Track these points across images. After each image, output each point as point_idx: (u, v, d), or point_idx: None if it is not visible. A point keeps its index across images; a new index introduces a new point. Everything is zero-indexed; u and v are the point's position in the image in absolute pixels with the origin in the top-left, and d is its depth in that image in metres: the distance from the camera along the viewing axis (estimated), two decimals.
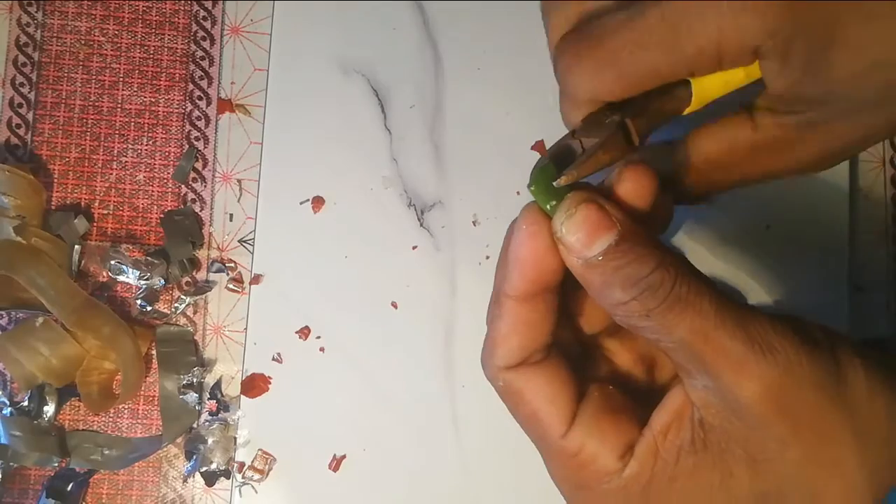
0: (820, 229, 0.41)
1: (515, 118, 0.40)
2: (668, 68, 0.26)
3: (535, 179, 0.26)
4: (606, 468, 0.26)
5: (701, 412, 0.25)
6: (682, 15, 0.25)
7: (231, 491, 0.38)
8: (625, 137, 0.27)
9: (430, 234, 0.40)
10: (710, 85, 0.28)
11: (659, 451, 0.25)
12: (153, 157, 0.40)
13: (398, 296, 0.39)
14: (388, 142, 0.40)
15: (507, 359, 0.27)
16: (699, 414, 0.25)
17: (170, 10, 0.40)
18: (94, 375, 0.38)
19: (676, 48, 0.26)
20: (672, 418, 0.26)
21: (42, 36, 0.40)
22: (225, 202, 0.40)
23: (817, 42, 0.25)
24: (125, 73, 0.40)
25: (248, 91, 0.40)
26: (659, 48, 0.26)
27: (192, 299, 0.39)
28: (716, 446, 0.25)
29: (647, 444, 0.26)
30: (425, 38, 0.41)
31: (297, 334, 0.39)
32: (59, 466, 0.38)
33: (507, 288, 0.26)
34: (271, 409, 0.38)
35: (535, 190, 0.26)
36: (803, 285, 0.40)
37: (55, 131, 0.40)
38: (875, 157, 0.42)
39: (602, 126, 0.27)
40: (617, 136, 0.27)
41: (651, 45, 0.26)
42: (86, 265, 0.39)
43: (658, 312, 0.24)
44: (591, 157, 0.26)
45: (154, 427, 0.38)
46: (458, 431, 0.39)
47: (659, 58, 0.26)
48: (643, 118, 0.27)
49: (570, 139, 0.27)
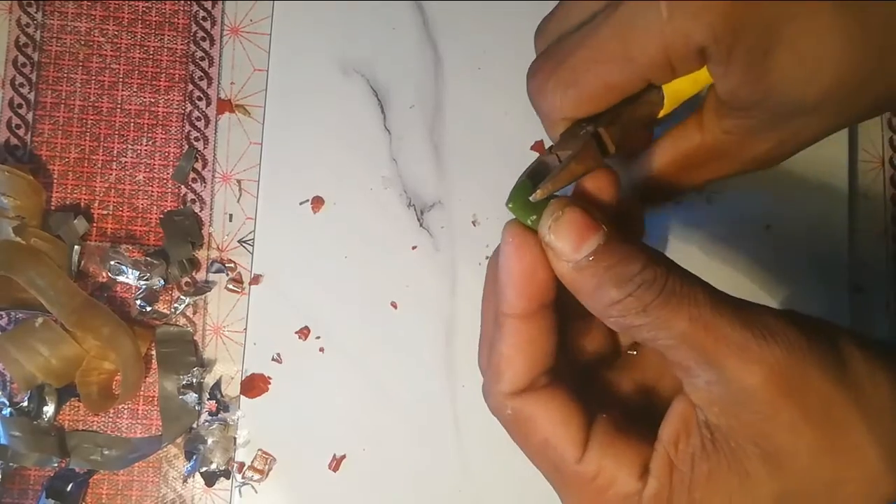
0: (820, 229, 0.41)
1: (515, 118, 0.40)
2: (625, 81, 0.27)
3: (512, 197, 0.26)
4: (627, 490, 0.25)
5: (705, 413, 0.25)
6: (629, 27, 0.26)
7: (231, 491, 0.38)
8: (599, 147, 0.27)
9: (429, 234, 0.40)
10: (679, 87, 0.28)
11: (673, 463, 0.25)
12: (153, 157, 0.40)
13: (398, 296, 0.39)
14: (388, 142, 0.40)
15: (515, 383, 0.26)
16: (703, 416, 0.25)
17: (169, 10, 0.40)
18: (94, 376, 0.38)
19: (629, 60, 0.26)
20: (679, 426, 0.25)
21: (42, 36, 0.40)
22: (224, 202, 0.40)
23: (758, 46, 0.25)
24: (125, 73, 0.40)
25: (248, 91, 0.40)
26: (613, 62, 0.26)
27: (192, 300, 0.39)
28: (727, 447, 0.24)
29: (662, 459, 0.25)
30: (425, 39, 0.41)
31: (296, 334, 0.39)
32: (59, 467, 0.38)
33: (506, 307, 0.26)
34: (271, 410, 0.38)
35: (514, 207, 0.26)
36: (803, 285, 0.40)
37: (55, 132, 0.40)
38: (874, 157, 0.42)
39: (577, 138, 0.27)
40: (590, 146, 0.27)
41: (605, 60, 0.26)
42: (85, 265, 0.39)
43: (655, 306, 0.24)
44: (565, 169, 0.26)
45: (154, 427, 0.38)
46: (458, 431, 0.39)
47: (615, 72, 0.27)
48: (616, 126, 0.28)
49: (547, 156, 0.28)
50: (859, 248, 0.41)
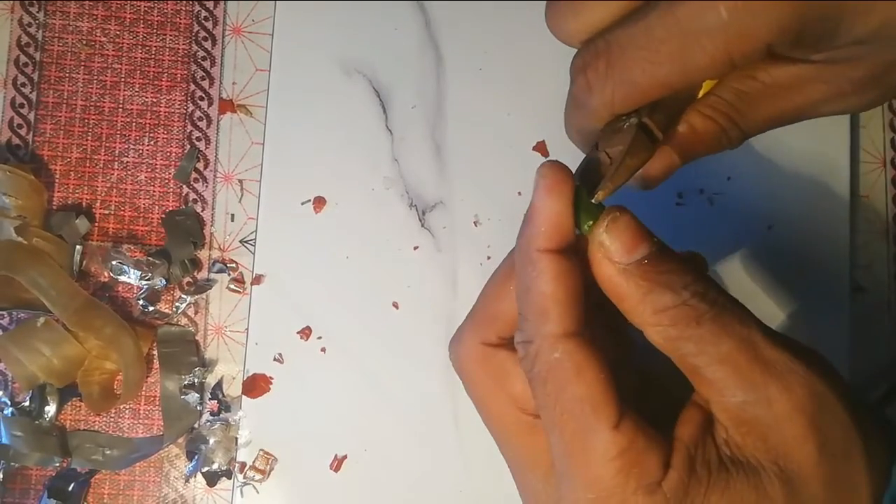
0: (820, 230, 0.41)
1: (517, 119, 0.40)
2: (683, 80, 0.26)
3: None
4: (650, 473, 0.24)
5: (730, 431, 0.24)
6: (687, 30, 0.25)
7: (232, 491, 0.38)
8: (647, 136, 0.27)
9: (431, 234, 0.40)
10: None
11: (693, 463, 0.24)
12: (154, 157, 0.40)
13: (399, 296, 0.39)
14: (390, 142, 0.40)
15: (565, 322, 0.24)
16: (726, 433, 0.25)
17: (171, 10, 0.40)
18: (96, 375, 0.38)
19: (688, 62, 0.25)
20: (697, 434, 0.25)
21: (44, 36, 0.40)
22: (226, 202, 0.40)
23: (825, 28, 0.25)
24: (127, 73, 0.40)
25: (250, 91, 0.40)
26: (671, 63, 0.26)
27: (193, 298, 0.39)
28: (748, 465, 0.24)
29: (682, 456, 0.24)
30: (427, 39, 0.41)
31: (298, 334, 0.39)
32: (61, 466, 0.38)
33: (543, 241, 0.24)
34: (272, 410, 0.38)
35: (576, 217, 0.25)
36: (804, 285, 0.40)
37: (56, 131, 0.39)
38: (876, 157, 0.42)
39: (622, 131, 0.27)
40: (640, 137, 0.26)
41: (663, 61, 0.26)
42: (87, 265, 0.39)
43: (709, 319, 0.24)
44: (621, 165, 0.26)
45: (155, 427, 0.38)
46: (459, 431, 0.39)
47: (673, 73, 0.26)
48: (660, 113, 0.27)
49: (595, 152, 0.27)
50: (860, 248, 0.42)
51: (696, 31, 0.25)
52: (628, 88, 0.26)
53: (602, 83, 0.27)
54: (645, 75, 0.26)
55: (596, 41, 0.28)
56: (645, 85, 0.26)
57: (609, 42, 0.27)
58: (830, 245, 0.41)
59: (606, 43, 0.27)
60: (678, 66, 0.26)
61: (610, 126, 0.28)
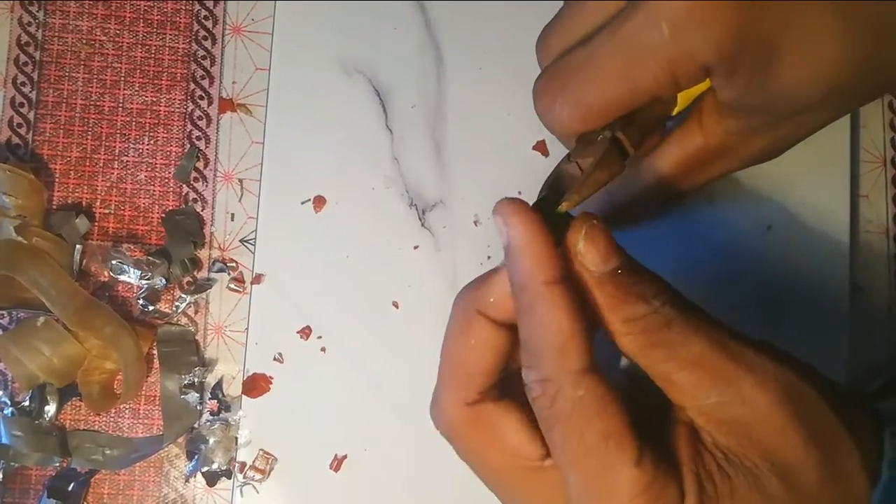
0: (821, 230, 0.41)
1: (517, 118, 0.40)
2: (630, 98, 0.27)
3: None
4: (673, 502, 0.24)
5: (713, 434, 0.25)
6: (631, 48, 0.26)
7: (232, 491, 0.38)
8: (618, 151, 0.27)
9: (431, 233, 0.40)
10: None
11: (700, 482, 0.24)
12: (154, 156, 0.40)
13: (399, 296, 0.39)
14: (390, 141, 0.40)
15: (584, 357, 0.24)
16: (711, 437, 0.25)
17: (171, 9, 0.40)
18: (96, 375, 0.38)
19: (633, 79, 0.26)
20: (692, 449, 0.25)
21: (43, 35, 0.40)
22: (226, 202, 0.40)
23: (760, 56, 0.25)
24: (126, 72, 0.40)
25: (250, 90, 0.40)
26: (618, 83, 0.26)
27: (193, 298, 0.39)
28: (742, 466, 0.24)
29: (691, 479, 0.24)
30: (427, 39, 0.41)
31: (298, 334, 0.39)
32: (61, 466, 0.37)
33: (545, 273, 0.24)
34: (272, 409, 0.38)
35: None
36: (804, 285, 0.40)
37: (56, 131, 0.39)
38: (876, 157, 0.42)
39: (595, 144, 0.27)
40: (610, 151, 0.27)
41: (610, 80, 0.26)
42: (87, 265, 0.39)
43: (679, 322, 0.24)
44: (590, 178, 0.26)
45: (155, 427, 0.38)
46: None
47: (620, 90, 0.27)
48: (633, 128, 0.28)
49: (566, 164, 0.27)
50: (860, 248, 0.42)
51: (640, 51, 0.26)
52: (583, 110, 0.27)
53: (559, 106, 0.28)
54: (595, 96, 0.27)
55: (554, 64, 0.29)
56: (598, 105, 0.27)
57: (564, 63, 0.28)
58: (830, 245, 0.41)
59: (561, 64, 0.28)
60: (627, 85, 0.27)
61: (584, 137, 0.28)
